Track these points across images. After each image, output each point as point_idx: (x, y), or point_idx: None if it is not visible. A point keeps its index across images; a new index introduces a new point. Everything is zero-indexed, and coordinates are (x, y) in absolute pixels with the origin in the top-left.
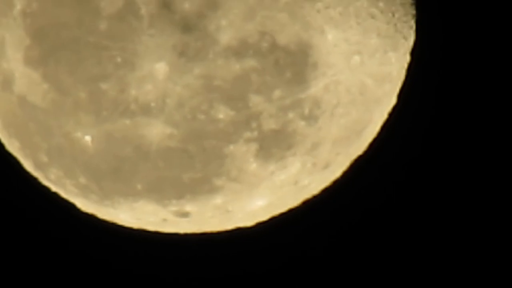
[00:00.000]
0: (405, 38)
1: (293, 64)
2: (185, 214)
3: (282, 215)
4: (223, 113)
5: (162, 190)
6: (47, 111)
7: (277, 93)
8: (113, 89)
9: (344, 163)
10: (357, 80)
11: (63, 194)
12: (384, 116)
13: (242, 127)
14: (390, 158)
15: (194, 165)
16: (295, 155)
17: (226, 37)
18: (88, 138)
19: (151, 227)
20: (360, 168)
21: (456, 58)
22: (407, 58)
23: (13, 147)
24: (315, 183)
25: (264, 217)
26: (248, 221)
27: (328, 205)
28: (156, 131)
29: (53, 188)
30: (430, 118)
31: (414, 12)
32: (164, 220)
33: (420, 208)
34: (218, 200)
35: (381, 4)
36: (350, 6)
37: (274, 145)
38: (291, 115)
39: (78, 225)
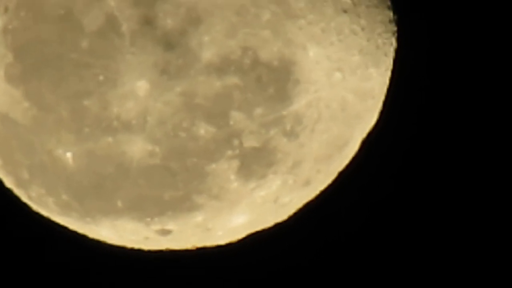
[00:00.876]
0: (386, 54)
1: (275, 80)
2: (166, 232)
3: (263, 231)
4: (204, 130)
5: (143, 208)
6: (29, 128)
7: (258, 110)
8: (95, 106)
9: (325, 180)
10: (339, 96)
11: (45, 211)
12: (366, 132)
13: (223, 145)
14: (371, 174)
15: (176, 183)
16: (276, 173)
17: (208, 54)
18: (69, 155)
19: (133, 245)
20: (341, 184)
21: (437, 74)
22: (388, 74)
23: None
24: (296, 200)
25: (244, 234)
26: (228, 239)
27: (310, 221)
28: (137, 149)
29: (34, 206)
30: (411, 134)
31: (395, 29)
32: (146, 238)
33: (401, 224)
34: (198, 218)
35: (362, 21)
36: (332, 23)
37: (255, 162)
38: (272, 132)
39: (59, 241)
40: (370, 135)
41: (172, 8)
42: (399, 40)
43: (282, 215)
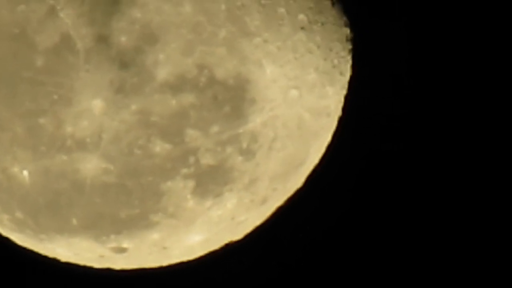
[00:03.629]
0: (342, 73)
1: (231, 99)
2: (122, 250)
3: (220, 250)
4: (160, 148)
5: (98, 226)
6: None
7: (214, 128)
8: (50, 124)
9: (282, 198)
10: (295, 115)
11: (0, 229)
12: (322, 150)
13: (179, 163)
14: (327, 192)
15: (131, 201)
16: (232, 191)
17: (163, 72)
18: (25, 173)
19: (88, 263)
20: (297, 202)
21: (392, 92)
22: (344, 92)
23: None
24: (252, 218)
25: (201, 252)
26: (185, 257)
27: (266, 239)
28: (92, 167)
29: None
30: (367, 153)
31: (350, 47)
32: (101, 256)
33: (354, 241)
34: (155, 236)
35: (318, 39)
36: (288, 41)
37: (211, 181)
38: (228, 150)
39: (15, 259)
40: (325, 153)
41: (127, 26)
42: (355, 58)
43: (238, 234)
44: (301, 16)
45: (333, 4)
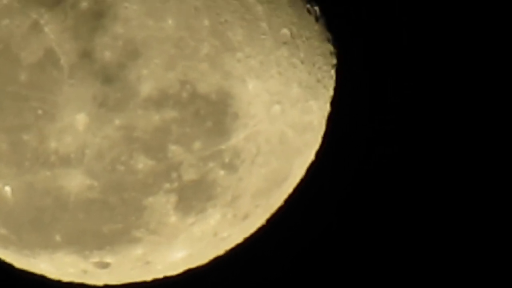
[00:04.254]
0: (326, 87)
1: (214, 114)
2: (105, 265)
3: (202, 266)
4: (143, 164)
5: (81, 241)
6: None
7: (197, 143)
8: (34, 140)
9: (264, 214)
10: (278, 130)
11: None
12: (305, 166)
13: (162, 178)
14: (310, 208)
15: (114, 216)
16: (215, 207)
17: (146, 87)
18: (8, 189)
19: (71, 278)
20: (280, 218)
21: (376, 108)
22: (328, 107)
23: None
24: (235, 234)
25: (184, 268)
26: (168, 272)
27: (249, 255)
28: (75, 183)
29: None
30: (351, 168)
31: (334, 62)
32: (84, 271)
33: (340, 258)
34: (138, 251)
35: (301, 54)
36: (271, 56)
37: (194, 196)
38: (211, 165)
39: None
40: (309, 169)
41: (111, 41)
42: (338, 73)
43: (221, 249)
44: (284, 31)
45: (316, 19)
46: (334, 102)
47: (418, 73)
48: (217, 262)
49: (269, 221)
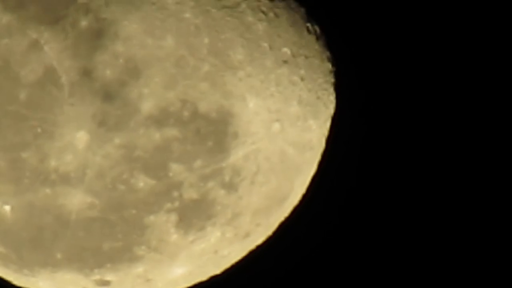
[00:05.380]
0: (326, 105)
1: (214, 132)
2: (105, 283)
3: (203, 283)
4: (143, 183)
5: (82, 259)
6: None
7: (198, 162)
8: (34, 158)
9: (265, 232)
10: (278, 148)
11: None
12: (306, 184)
13: (162, 197)
14: (311, 226)
15: (115, 234)
16: (215, 225)
17: (147, 106)
18: (7, 207)
19: None
20: (281, 236)
21: (375, 125)
22: (328, 125)
23: None
24: (235, 252)
25: (184, 285)
26: None
27: (250, 272)
28: (76, 201)
29: None
30: (350, 186)
31: (334, 80)
32: None
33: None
34: (138, 269)
35: (302, 72)
36: (272, 74)
37: (195, 215)
38: (211, 184)
39: None
40: (309, 187)
41: (111, 59)
42: (338, 91)
43: (222, 267)
44: (285, 50)
45: (317, 38)
46: (334, 120)
47: (417, 91)
48: (217, 280)
49: (271, 238)
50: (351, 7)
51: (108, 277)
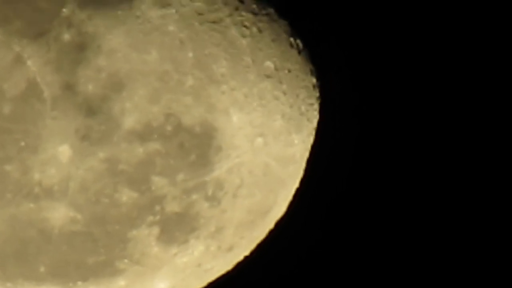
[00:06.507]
0: (309, 120)
1: (198, 146)
2: None
3: None
4: (126, 196)
5: (66, 273)
6: None
7: (180, 175)
8: (17, 171)
9: (249, 246)
10: (261, 162)
11: None
12: (289, 198)
13: (145, 211)
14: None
15: (98, 248)
16: (198, 238)
17: (130, 120)
18: None
19: None
20: (264, 250)
21: (359, 139)
22: (311, 139)
23: None
24: (219, 266)
25: None
26: None
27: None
28: (59, 215)
29: None
30: (334, 199)
31: (317, 94)
32: None
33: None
34: (121, 282)
35: (284, 87)
36: (255, 88)
37: (177, 228)
38: (194, 197)
39: None
40: (292, 200)
41: (94, 73)
42: (321, 105)
43: (205, 281)
44: (268, 64)
45: (299, 52)
46: (317, 134)
47: (401, 104)
48: None
49: (254, 252)
50: (334, 21)
51: None
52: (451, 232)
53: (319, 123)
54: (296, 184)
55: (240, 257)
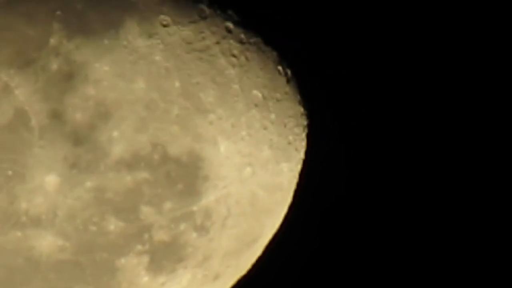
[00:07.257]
0: (297, 150)
1: (185, 176)
2: None
3: None
4: (114, 225)
5: None
6: None
7: (168, 204)
8: (4, 200)
9: (235, 274)
10: (248, 191)
11: None
12: (276, 226)
13: (133, 239)
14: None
15: (85, 277)
16: (186, 267)
17: (117, 149)
18: None
19: None
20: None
21: (348, 167)
22: (299, 168)
23: None
24: None
25: None
26: None
27: None
28: (47, 243)
29: None
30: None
31: (305, 123)
32: None
33: None
34: None
35: (272, 116)
36: (242, 117)
37: (165, 257)
38: (182, 226)
39: None
40: (279, 229)
41: (81, 102)
42: (309, 134)
43: None
44: (256, 93)
45: (287, 81)
46: (306, 163)
47: (390, 133)
48: None
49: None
50: (322, 49)
51: None
52: (448, 238)
53: (307, 152)
54: (284, 211)
55: (227, 286)
